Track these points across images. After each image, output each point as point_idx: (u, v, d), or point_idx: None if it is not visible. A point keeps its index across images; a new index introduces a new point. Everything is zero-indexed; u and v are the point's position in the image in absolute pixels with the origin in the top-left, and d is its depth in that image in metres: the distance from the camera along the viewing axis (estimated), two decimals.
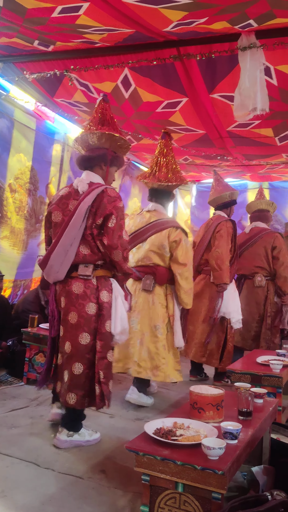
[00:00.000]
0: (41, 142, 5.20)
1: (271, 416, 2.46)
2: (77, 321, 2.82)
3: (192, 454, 1.77)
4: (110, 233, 2.83)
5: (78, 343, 2.81)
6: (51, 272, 2.91)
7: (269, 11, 2.87)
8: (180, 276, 3.79)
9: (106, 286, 2.93)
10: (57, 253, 2.85)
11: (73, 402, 2.78)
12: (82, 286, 2.85)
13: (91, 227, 2.83)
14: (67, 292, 2.88)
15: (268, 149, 5.38)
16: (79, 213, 2.82)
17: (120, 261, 2.90)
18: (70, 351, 2.82)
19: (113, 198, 2.87)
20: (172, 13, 2.92)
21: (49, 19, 3.10)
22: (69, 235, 2.82)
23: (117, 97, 4.30)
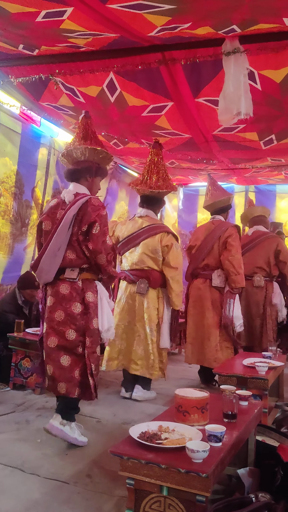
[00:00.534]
0: (26, 146, 5.18)
1: (256, 418, 2.47)
2: (64, 318, 3.06)
3: (177, 457, 1.78)
4: (95, 239, 3.07)
5: (65, 338, 3.04)
6: (42, 274, 3.16)
7: (252, 17, 2.89)
8: (172, 279, 4.05)
9: (91, 288, 3.16)
10: (46, 257, 3.10)
11: (64, 391, 2.99)
12: (68, 288, 3.09)
13: (77, 233, 3.08)
14: (55, 292, 3.11)
15: (253, 153, 5.42)
16: (65, 221, 3.07)
17: (104, 264, 3.12)
18: (55, 345, 3.04)
19: (97, 207, 3.13)
20: (156, 18, 2.94)
21: (33, 24, 3.10)
22: (57, 241, 3.08)
23: (103, 101, 4.31)
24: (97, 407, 3.74)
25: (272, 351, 4.00)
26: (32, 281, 4.80)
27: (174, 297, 4.08)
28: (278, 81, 3.65)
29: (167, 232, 4.14)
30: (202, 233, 4.85)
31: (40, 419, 3.40)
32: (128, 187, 4.69)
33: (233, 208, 8.12)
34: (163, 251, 4.05)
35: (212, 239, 4.68)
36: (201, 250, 4.73)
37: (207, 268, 4.70)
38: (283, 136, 4.72)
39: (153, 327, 4.02)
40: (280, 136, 4.71)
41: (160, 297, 4.12)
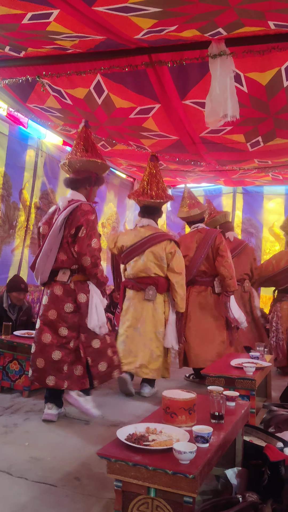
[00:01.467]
0: (14, 148, 5.16)
1: (243, 418, 2.48)
2: (56, 317, 3.38)
3: (164, 458, 1.78)
4: (80, 242, 3.34)
5: (58, 335, 3.36)
6: (38, 274, 3.46)
7: (237, 19, 2.92)
8: (177, 284, 4.30)
9: (83, 289, 3.44)
10: (41, 258, 3.42)
11: (52, 383, 3.30)
12: (61, 289, 3.42)
13: (67, 236, 3.37)
14: (50, 292, 3.44)
15: (240, 155, 5.46)
16: (56, 224, 3.37)
17: (88, 266, 3.37)
18: (49, 341, 3.34)
19: (86, 211, 3.39)
20: (142, 21, 2.95)
21: (20, 26, 3.09)
22: (49, 243, 3.38)
23: (90, 103, 4.31)
24: None
25: (260, 352, 4.03)
26: (18, 284, 4.79)
27: (180, 300, 4.32)
28: (264, 83, 3.68)
29: (170, 239, 4.38)
30: (192, 242, 4.98)
31: (28, 422, 3.39)
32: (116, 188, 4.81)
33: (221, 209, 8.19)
34: (167, 257, 4.29)
35: (205, 247, 4.86)
36: (196, 259, 4.89)
37: (205, 275, 4.89)
38: (270, 138, 4.76)
39: (161, 330, 4.27)
40: (267, 138, 4.75)
41: (166, 301, 4.37)
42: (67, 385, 3.31)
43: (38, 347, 3.38)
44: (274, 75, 3.56)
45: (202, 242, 4.89)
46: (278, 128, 4.48)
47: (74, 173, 3.60)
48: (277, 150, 5.15)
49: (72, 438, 3.12)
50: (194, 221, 5.11)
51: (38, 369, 3.34)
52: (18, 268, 5.38)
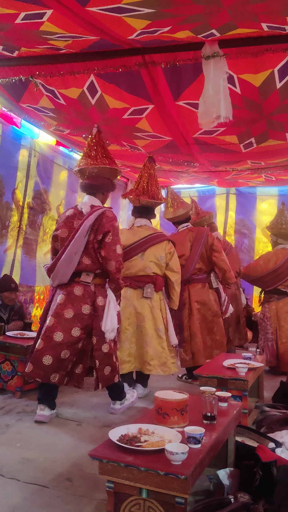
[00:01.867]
0: (7, 147, 5.14)
1: (235, 419, 2.49)
2: (72, 317, 3.45)
3: (156, 459, 1.78)
4: (107, 247, 3.51)
5: (70, 334, 3.42)
6: (58, 276, 3.54)
7: (231, 21, 2.92)
8: (176, 282, 4.46)
9: (102, 292, 3.60)
10: (63, 260, 3.50)
11: (55, 380, 3.39)
12: (82, 290, 3.52)
13: (93, 241, 3.52)
14: (68, 292, 3.51)
15: (233, 156, 5.47)
16: (83, 229, 3.50)
17: (113, 271, 3.54)
18: (61, 340, 3.40)
19: (111, 218, 3.60)
20: (135, 22, 2.94)
21: (12, 25, 3.08)
22: (74, 246, 3.49)
23: (84, 103, 4.30)
24: (78, 410, 3.73)
25: (252, 352, 4.04)
26: (9, 283, 4.79)
27: (176, 297, 4.50)
28: (257, 85, 3.69)
29: (168, 240, 4.51)
30: (185, 241, 5.08)
31: (20, 423, 3.38)
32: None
33: (214, 210, 8.23)
34: (167, 257, 4.41)
35: (199, 245, 5.02)
36: (192, 257, 5.01)
37: (200, 272, 5.06)
38: (263, 139, 4.78)
39: (161, 327, 4.35)
40: (260, 139, 4.76)
41: (162, 299, 4.46)
42: (66, 381, 3.45)
43: (47, 344, 3.39)
44: (267, 76, 3.57)
45: (196, 240, 5.06)
46: (271, 130, 4.49)
47: (91, 179, 3.74)
48: (270, 151, 5.17)
49: (64, 439, 3.12)
50: (180, 221, 5.24)
51: (43, 366, 3.36)
52: (11, 268, 5.35)
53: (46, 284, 6.09)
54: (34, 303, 5.87)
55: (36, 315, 5.90)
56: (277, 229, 5.74)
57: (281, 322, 5.45)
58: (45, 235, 6.02)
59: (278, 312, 5.50)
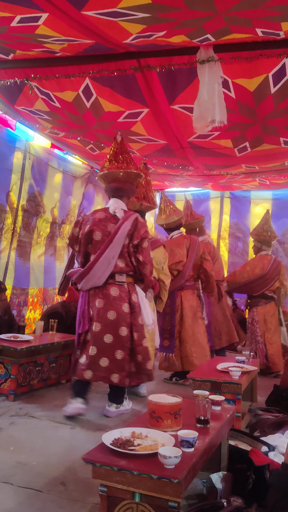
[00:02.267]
0: (1, 150, 5.14)
1: (228, 423, 2.49)
2: (116, 317, 3.58)
3: (149, 463, 1.78)
4: (144, 252, 3.68)
5: (119, 335, 3.57)
6: (92, 279, 3.62)
7: (225, 26, 2.94)
8: (167, 286, 4.59)
9: (134, 290, 3.77)
10: (100, 264, 3.59)
11: (117, 381, 3.53)
12: (118, 290, 3.64)
13: (128, 246, 3.64)
14: (105, 295, 3.62)
15: (228, 160, 5.50)
16: (121, 234, 3.61)
17: (148, 274, 3.74)
18: (111, 341, 3.54)
19: (144, 224, 3.75)
20: (131, 26, 2.96)
21: (8, 28, 3.09)
22: (113, 250, 3.59)
23: (79, 107, 4.31)
24: None
25: (246, 356, 4.05)
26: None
27: (164, 300, 4.62)
28: (251, 89, 3.71)
29: (163, 245, 4.67)
30: (183, 248, 5.15)
31: (13, 426, 3.36)
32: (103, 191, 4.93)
33: (208, 214, 8.25)
34: (163, 262, 4.56)
35: (193, 253, 5.13)
36: (187, 265, 5.10)
37: (191, 279, 5.15)
38: (257, 144, 4.81)
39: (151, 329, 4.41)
40: (254, 143, 4.79)
41: (152, 302, 4.49)
42: (128, 382, 3.60)
43: (100, 348, 3.53)
44: (262, 81, 3.60)
45: (191, 248, 5.15)
46: (265, 134, 4.52)
47: (119, 182, 3.79)
48: (264, 155, 5.20)
49: (57, 443, 3.10)
50: (171, 228, 5.27)
51: (102, 368, 3.50)
52: (4, 271, 5.34)
53: (40, 287, 6.08)
54: (27, 305, 5.86)
55: (30, 317, 5.89)
56: (263, 236, 5.89)
57: (268, 325, 5.72)
58: (39, 237, 6.01)
59: (265, 315, 5.76)
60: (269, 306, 5.78)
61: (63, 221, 6.54)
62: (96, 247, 3.65)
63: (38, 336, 4.57)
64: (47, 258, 6.21)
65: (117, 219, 3.68)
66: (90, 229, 3.68)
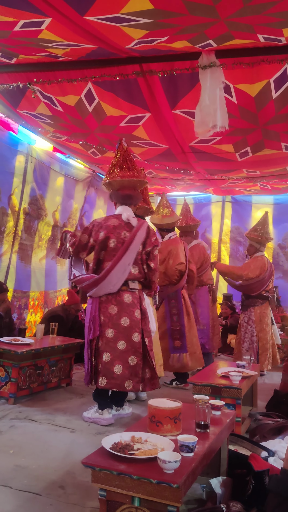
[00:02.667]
0: (3, 153, 5.16)
1: (228, 427, 2.49)
2: (130, 324, 3.60)
3: (149, 468, 1.78)
4: (155, 260, 3.77)
5: (132, 341, 3.59)
6: (108, 286, 3.59)
7: (227, 32, 2.96)
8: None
9: (144, 297, 3.81)
10: (117, 271, 3.58)
11: (131, 387, 3.55)
12: (131, 297, 3.66)
13: (141, 253, 3.70)
14: (118, 301, 3.63)
15: (229, 165, 5.51)
16: (137, 242, 3.64)
17: (156, 281, 3.83)
18: (124, 347, 3.56)
19: (154, 232, 3.84)
20: (133, 31, 2.98)
21: (11, 33, 3.11)
22: (129, 257, 3.61)
23: (81, 111, 4.33)
24: (71, 417, 3.71)
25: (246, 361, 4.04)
26: (1, 285, 4.81)
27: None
28: (253, 95, 3.73)
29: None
30: (182, 250, 5.24)
31: (13, 429, 3.36)
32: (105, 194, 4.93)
33: (210, 218, 8.26)
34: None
35: (187, 254, 5.26)
36: (186, 265, 5.20)
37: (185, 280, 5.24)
38: (258, 149, 4.82)
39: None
40: (255, 148, 4.81)
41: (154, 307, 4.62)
42: (142, 387, 3.61)
43: (114, 355, 3.53)
44: (263, 87, 3.62)
45: (185, 250, 5.27)
46: (266, 139, 4.53)
47: (128, 190, 3.77)
48: (265, 160, 5.21)
49: (57, 446, 3.10)
50: (163, 229, 5.27)
51: (116, 376, 3.51)
52: (5, 273, 5.35)
53: (41, 290, 6.08)
54: (28, 308, 5.87)
55: (31, 321, 5.90)
56: (264, 239, 5.87)
57: (263, 325, 5.77)
58: (40, 240, 6.03)
59: (261, 315, 5.79)
60: (264, 306, 5.83)
61: (65, 224, 6.55)
62: (110, 254, 3.63)
63: (38, 339, 4.57)
64: (48, 261, 6.23)
65: (130, 226, 3.67)
66: (105, 236, 3.63)
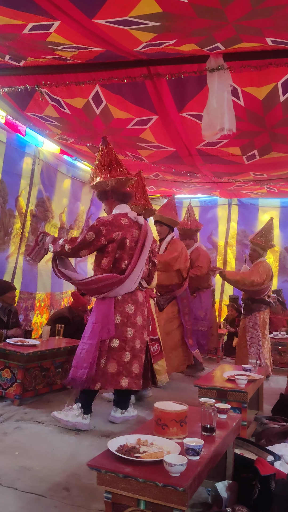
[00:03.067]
0: (11, 155, 5.18)
1: (234, 431, 2.48)
2: (142, 323, 3.65)
3: (154, 471, 1.78)
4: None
5: (143, 339, 3.65)
6: (129, 285, 3.57)
7: (235, 35, 2.96)
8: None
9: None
10: (137, 270, 3.59)
11: (141, 386, 3.59)
12: (142, 296, 3.72)
13: (149, 251, 3.75)
14: (134, 300, 3.64)
15: (236, 167, 5.50)
16: (149, 240, 3.69)
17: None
18: (140, 346, 3.60)
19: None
20: (141, 34, 2.98)
21: (20, 36, 3.12)
22: (144, 257, 3.64)
23: (88, 113, 4.34)
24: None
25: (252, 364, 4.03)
26: (8, 284, 4.83)
27: None
28: (260, 98, 3.72)
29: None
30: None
31: (18, 431, 3.37)
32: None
33: (216, 221, 8.25)
34: None
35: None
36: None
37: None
38: (265, 152, 4.81)
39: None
40: (263, 151, 4.79)
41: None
42: (145, 386, 3.73)
43: (133, 354, 3.55)
44: (271, 90, 3.61)
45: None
46: (274, 142, 4.52)
47: (128, 188, 3.83)
48: (272, 163, 5.20)
49: (62, 448, 3.10)
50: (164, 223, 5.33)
51: (136, 375, 3.54)
52: (12, 275, 5.37)
53: (47, 292, 6.09)
54: (34, 310, 5.88)
55: (37, 322, 5.90)
56: (269, 245, 5.86)
57: (265, 330, 5.78)
58: None
59: (263, 321, 5.80)
60: (266, 312, 5.85)
61: (71, 226, 6.57)
62: (128, 253, 3.58)
63: (44, 341, 4.58)
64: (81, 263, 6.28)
65: (139, 225, 3.68)
66: (123, 236, 3.56)
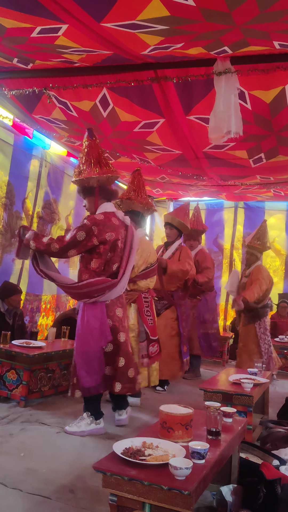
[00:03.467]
0: (18, 157, 5.20)
1: (240, 435, 2.47)
2: (128, 325, 3.68)
3: (160, 474, 1.77)
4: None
5: (130, 342, 3.69)
6: (121, 288, 3.53)
7: (243, 39, 2.96)
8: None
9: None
10: (127, 272, 3.55)
11: (138, 388, 3.61)
12: (124, 297, 3.70)
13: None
14: (122, 303, 3.61)
15: (242, 171, 5.50)
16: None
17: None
18: (131, 350, 3.62)
19: None
20: (149, 38, 2.99)
21: (28, 39, 3.14)
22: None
23: (95, 116, 4.36)
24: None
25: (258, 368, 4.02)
26: (14, 286, 4.85)
27: None
28: (267, 101, 3.72)
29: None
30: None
31: (24, 432, 3.37)
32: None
33: (222, 224, 8.24)
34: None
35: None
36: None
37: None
38: (272, 155, 4.80)
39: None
40: (269, 154, 4.79)
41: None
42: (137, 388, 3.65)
43: (127, 358, 3.53)
44: (278, 93, 3.61)
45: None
46: (281, 146, 4.52)
47: (111, 186, 3.68)
48: (279, 167, 5.19)
49: (67, 450, 3.11)
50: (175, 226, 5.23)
51: (131, 379, 3.53)
52: (18, 277, 5.38)
53: (53, 293, 6.11)
54: (40, 312, 5.89)
55: (43, 324, 5.92)
56: (266, 248, 5.81)
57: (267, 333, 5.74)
58: None
59: (267, 324, 5.77)
60: (268, 315, 5.86)
61: None
62: (118, 255, 3.50)
63: (50, 342, 4.59)
64: (61, 264, 6.24)
65: (125, 225, 3.62)
66: (115, 237, 3.46)
